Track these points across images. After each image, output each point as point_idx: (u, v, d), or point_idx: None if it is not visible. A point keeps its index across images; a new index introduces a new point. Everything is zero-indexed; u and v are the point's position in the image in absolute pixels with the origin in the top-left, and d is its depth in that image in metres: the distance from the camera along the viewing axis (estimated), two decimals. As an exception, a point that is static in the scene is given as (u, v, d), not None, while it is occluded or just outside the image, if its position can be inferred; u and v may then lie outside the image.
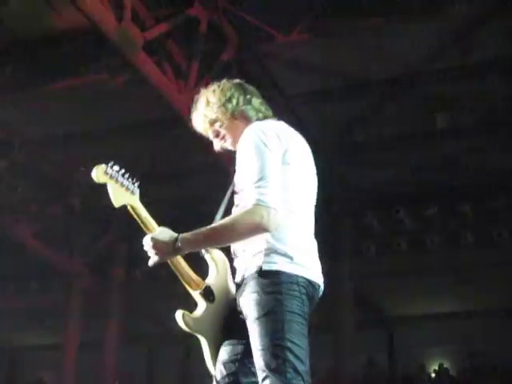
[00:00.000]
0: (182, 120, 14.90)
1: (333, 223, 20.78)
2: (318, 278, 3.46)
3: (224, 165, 16.33)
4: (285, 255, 3.31)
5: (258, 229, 3.24)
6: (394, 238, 19.83)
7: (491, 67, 15.35)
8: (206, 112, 3.75)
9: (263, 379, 3.18)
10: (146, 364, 25.15)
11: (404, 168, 18.87)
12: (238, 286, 3.41)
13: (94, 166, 3.55)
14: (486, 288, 20.63)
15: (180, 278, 3.66)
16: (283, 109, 16.96)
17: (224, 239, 3.37)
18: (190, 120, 3.96)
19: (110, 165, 3.54)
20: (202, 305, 3.67)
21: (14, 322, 24.25)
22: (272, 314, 3.21)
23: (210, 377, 3.62)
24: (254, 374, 3.35)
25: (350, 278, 20.24)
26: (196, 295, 3.66)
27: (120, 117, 17.13)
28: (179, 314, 3.59)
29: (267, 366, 3.16)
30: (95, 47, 14.20)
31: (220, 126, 3.71)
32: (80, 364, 21.78)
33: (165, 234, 3.43)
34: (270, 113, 3.80)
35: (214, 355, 3.57)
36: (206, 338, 3.58)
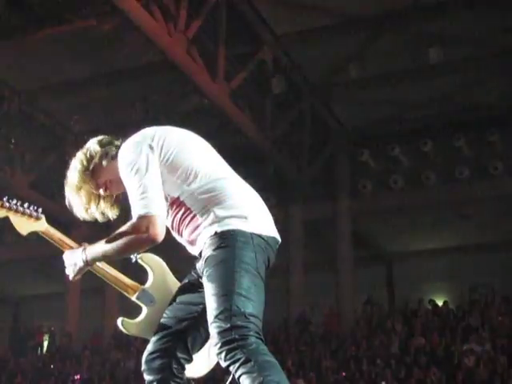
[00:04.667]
0: (172, 64, 14.87)
1: (329, 163, 20.84)
2: (271, 231, 3.47)
3: (219, 107, 16.31)
4: (237, 216, 3.35)
5: (148, 240, 3.33)
6: (390, 175, 19.85)
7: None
8: (80, 184, 3.61)
9: (211, 323, 3.23)
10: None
11: (398, 105, 18.83)
12: (199, 256, 3.45)
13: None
14: (483, 222, 20.76)
15: (115, 286, 3.73)
16: (275, 48, 16.88)
17: (120, 254, 3.45)
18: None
19: (5, 198, 3.53)
20: (143, 309, 3.73)
21: (15, 272, 24.41)
22: (224, 263, 3.26)
23: None
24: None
25: (349, 216, 20.35)
26: (135, 300, 3.72)
27: (110, 63, 17.00)
28: (119, 322, 3.66)
29: (216, 309, 3.20)
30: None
31: (99, 181, 3.62)
32: (82, 310, 22.02)
33: (77, 250, 3.51)
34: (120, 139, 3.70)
35: None
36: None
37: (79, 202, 3.64)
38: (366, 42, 16.51)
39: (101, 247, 3.46)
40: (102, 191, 3.63)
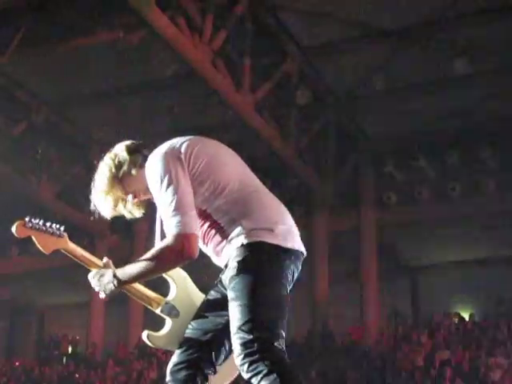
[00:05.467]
0: (198, 75, 14.94)
1: (354, 174, 20.80)
2: (297, 244, 3.46)
3: (244, 118, 16.36)
4: (263, 229, 3.34)
5: (182, 258, 3.32)
6: (415, 187, 19.78)
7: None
8: (109, 190, 3.61)
9: (234, 334, 3.23)
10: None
11: (423, 116, 18.74)
12: (225, 267, 3.45)
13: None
14: (509, 235, 20.58)
15: (139, 300, 3.72)
16: (300, 60, 16.90)
17: (154, 273, 3.44)
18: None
19: (28, 218, 3.52)
20: (167, 321, 3.74)
21: (40, 282, 24.56)
22: (249, 275, 3.26)
23: None
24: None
25: (373, 227, 20.29)
26: (159, 313, 3.74)
27: (136, 74, 17.12)
28: (144, 335, 3.68)
29: (239, 321, 3.21)
30: (109, 5, 14.12)
31: (128, 189, 3.62)
32: (107, 320, 22.11)
33: (106, 272, 3.52)
34: (148, 148, 3.65)
35: None
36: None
37: (106, 205, 3.65)
38: (391, 54, 16.48)
39: (134, 269, 3.44)
40: (130, 198, 3.64)
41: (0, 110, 17.73)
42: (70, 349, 23.36)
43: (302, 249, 3.47)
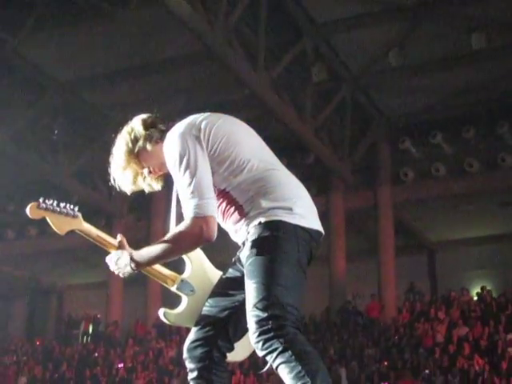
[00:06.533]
0: (213, 53, 14.91)
1: (370, 151, 20.74)
2: (315, 224, 3.45)
3: (260, 98, 16.32)
4: (282, 208, 3.32)
5: (200, 240, 3.33)
6: (432, 163, 19.70)
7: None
8: (125, 165, 3.60)
9: (249, 312, 3.21)
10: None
11: (440, 92, 18.64)
12: (242, 245, 3.45)
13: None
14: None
15: (154, 278, 3.73)
16: (315, 36, 16.82)
17: (172, 255, 3.45)
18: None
19: (41, 199, 3.52)
20: (183, 299, 3.74)
21: (59, 262, 24.73)
22: (266, 253, 3.26)
23: None
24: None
25: (390, 204, 20.26)
26: (175, 291, 3.74)
27: (151, 54, 17.09)
28: (161, 312, 3.68)
29: (254, 298, 3.21)
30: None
31: (144, 164, 3.61)
32: (126, 299, 22.25)
33: (123, 254, 3.53)
34: (165, 123, 3.63)
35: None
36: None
37: (125, 180, 3.65)
38: (407, 29, 16.36)
39: (152, 252, 3.45)
40: (146, 172, 3.63)
41: (15, 92, 17.77)
42: (90, 327, 23.48)
43: (320, 228, 3.46)
